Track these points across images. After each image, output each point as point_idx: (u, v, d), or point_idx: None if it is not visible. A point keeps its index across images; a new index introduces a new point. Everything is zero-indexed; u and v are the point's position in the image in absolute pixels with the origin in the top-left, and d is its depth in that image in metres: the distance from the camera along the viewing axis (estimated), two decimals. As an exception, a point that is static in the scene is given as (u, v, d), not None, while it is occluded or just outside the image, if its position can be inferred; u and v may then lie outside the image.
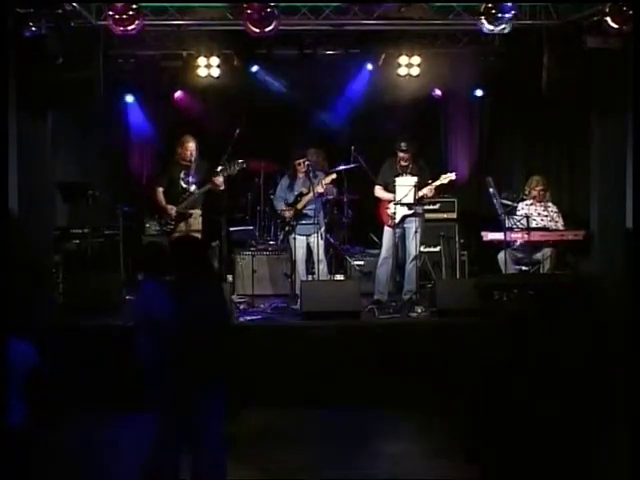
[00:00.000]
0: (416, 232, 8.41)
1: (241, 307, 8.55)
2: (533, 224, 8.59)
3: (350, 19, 8.24)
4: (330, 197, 8.91)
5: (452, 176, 8.44)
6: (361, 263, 9.51)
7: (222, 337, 4.58)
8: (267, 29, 7.61)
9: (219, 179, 8.41)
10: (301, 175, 8.69)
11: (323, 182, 8.57)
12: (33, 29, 7.18)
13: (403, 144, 8.39)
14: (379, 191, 8.64)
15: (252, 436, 6.22)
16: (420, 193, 8.32)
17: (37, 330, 6.99)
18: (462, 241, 9.69)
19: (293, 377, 7.15)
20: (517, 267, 8.69)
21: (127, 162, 10.47)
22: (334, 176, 8.72)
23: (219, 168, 8.40)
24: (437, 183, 8.39)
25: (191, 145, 8.50)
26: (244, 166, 8.61)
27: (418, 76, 9.06)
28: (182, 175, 8.54)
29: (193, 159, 8.49)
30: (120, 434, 6.25)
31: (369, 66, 9.45)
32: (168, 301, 4.57)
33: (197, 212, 8.62)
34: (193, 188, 8.53)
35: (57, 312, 7.88)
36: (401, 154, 8.41)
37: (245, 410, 6.59)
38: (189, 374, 4.45)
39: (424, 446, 6.11)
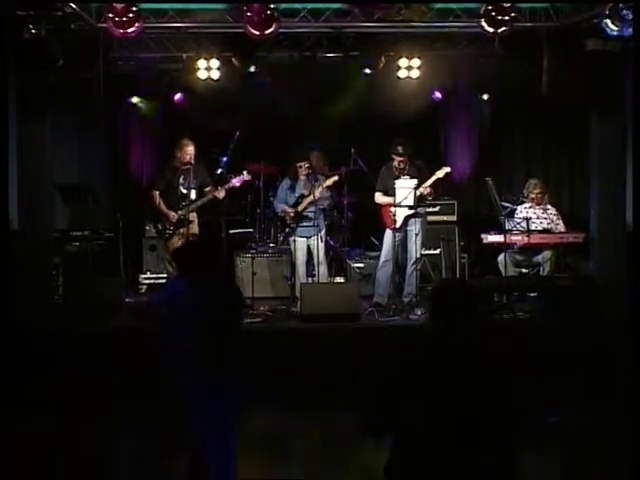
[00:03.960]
0: (417, 235, 8.39)
1: (241, 309, 8.54)
2: (532, 227, 8.60)
3: (350, 22, 8.26)
4: (325, 203, 8.87)
5: (447, 169, 8.42)
6: (361, 265, 9.50)
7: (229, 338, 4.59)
8: (267, 31, 7.63)
9: (221, 193, 8.42)
10: (302, 177, 8.69)
11: (324, 184, 8.58)
12: (33, 31, 7.20)
13: (399, 147, 8.35)
14: (379, 197, 8.60)
15: (252, 439, 6.20)
16: (418, 192, 8.29)
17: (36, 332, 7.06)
18: (462, 243, 9.68)
19: (293, 380, 7.13)
20: (517, 269, 8.69)
21: (127, 164, 10.47)
22: (336, 178, 8.71)
23: (229, 184, 8.42)
24: (433, 179, 8.35)
25: (190, 149, 8.48)
26: (248, 178, 8.62)
27: (418, 78, 9.05)
28: (181, 180, 8.52)
29: (192, 162, 8.49)
30: (118, 436, 6.24)
31: (369, 69, 9.45)
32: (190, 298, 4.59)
33: (194, 215, 8.62)
34: (193, 193, 8.52)
35: (56, 314, 7.88)
36: (397, 157, 8.40)
37: (244, 413, 6.58)
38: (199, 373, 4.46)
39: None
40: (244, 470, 5.24)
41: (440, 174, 8.37)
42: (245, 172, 8.58)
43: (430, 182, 8.33)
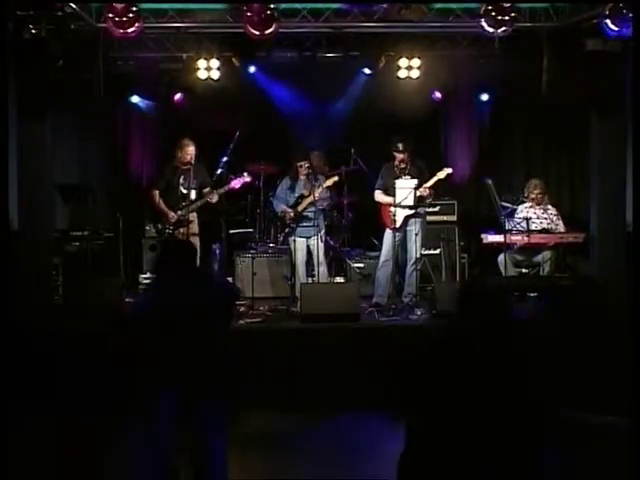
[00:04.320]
0: (417, 235, 8.40)
1: (241, 310, 8.55)
2: (532, 227, 8.61)
3: (350, 22, 8.26)
4: (325, 203, 8.86)
5: (449, 170, 8.43)
6: (361, 265, 9.50)
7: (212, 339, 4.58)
8: (267, 31, 7.63)
9: (214, 197, 8.44)
10: (302, 177, 8.70)
11: (324, 185, 8.59)
12: (33, 31, 7.20)
13: (400, 145, 8.36)
14: (379, 195, 8.62)
15: (250, 439, 6.21)
16: (418, 192, 8.31)
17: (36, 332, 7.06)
18: (462, 244, 9.68)
19: (293, 380, 7.14)
20: (517, 270, 8.70)
21: (127, 164, 10.47)
22: (336, 179, 8.72)
23: (229, 185, 8.44)
24: (434, 179, 8.37)
25: (191, 149, 8.50)
26: (248, 180, 8.62)
27: (418, 79, 9.05)
28: (182, 180, 8.54)
29: (192, 163, 8.50)
30: (118, 436, 6.23)
31: (368, 69, 9.45)
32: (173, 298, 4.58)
33: (195, 216, 8.63)
34: (193, 193, 8.53)
35: (56, 314, 7.88)
36: (398, 155, 8.40)
37: (244, 413, 6.59)
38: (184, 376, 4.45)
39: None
40: (244, 470, 5.25)
41: (442, 175, 8.38)
42: (245, 174, 8.59)
43: (431, 183, 8.34)
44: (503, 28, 7.65)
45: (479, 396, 2.93)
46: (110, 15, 7.44)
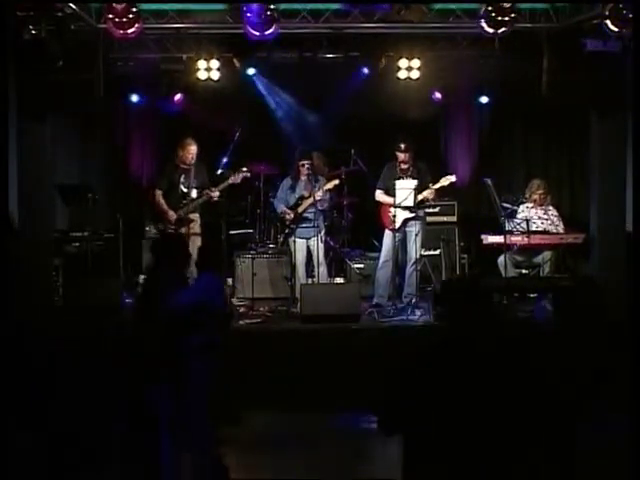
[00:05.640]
0: (417, 235, 8.41)
1: (241, 310, 8.55)
2: (533, 227, 8.60)
3: (350, 22, 8.26)
4: (325, 204, 8.85)
5: (452, 178, 8.46)
6: (361, 266, 9.48)
7: None
8: (267, 32, 7.63)
9: (215, 193, 8.46)
10: (303, 177, 8.69)
11: (325, 187, 8.58)
12: (33, 32, 7.21)
13: (402, 144, 8.38)
14: (380, 195, 8.63)
15: (252, 440, 6.21)
16: (420, 196, 8.33)
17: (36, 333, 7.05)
18: (462, 244, 9.68)
19: (293, 380, 7.13)
20: (517, 270, 8.69)
21: (127, 164, 10.47)
22: (337, 182, 8.71)
23: (228, 181, 8.44)
24: (437, 186, 8.41)
25: (193, 148, 8.53)
26: (248, 175, 8.63)
27: (418, 79, 9.05)
28: (182, 179, 8.57)
29: (194, 162, 8.52)
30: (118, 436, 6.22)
31: (368, 69, 9.44)
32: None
33: (197, 216, 8.64)
34: (194, 192, 8.55)
35: (56, 315, 7.88)
36: (400, 155, 8.41)
37: (244, 413, 6.58)
38: None
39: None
40: (244, 470, 5.25)
41: (445, 182, 8.41)
42: (244, 168, 8.61)
43: (434, 189, 8.36)
44: (503, 29, 7.66)
45: (481, 399, 2.93)
46: (110, 16, 7.45)
